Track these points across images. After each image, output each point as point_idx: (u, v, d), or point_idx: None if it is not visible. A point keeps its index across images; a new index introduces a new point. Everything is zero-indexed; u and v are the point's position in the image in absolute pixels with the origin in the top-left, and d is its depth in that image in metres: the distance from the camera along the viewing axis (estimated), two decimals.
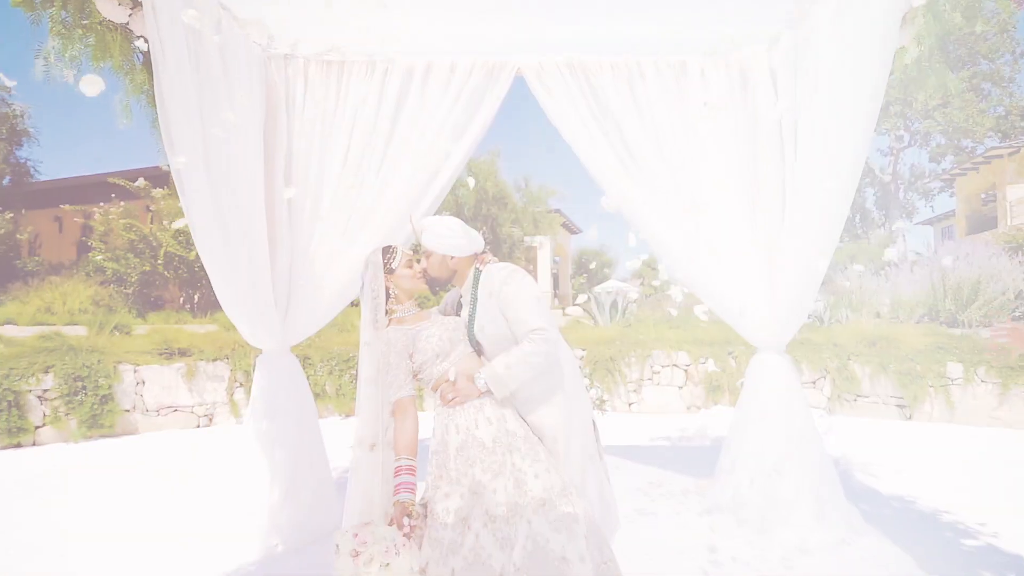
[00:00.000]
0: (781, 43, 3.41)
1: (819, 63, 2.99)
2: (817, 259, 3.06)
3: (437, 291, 2.51)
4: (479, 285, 2.08)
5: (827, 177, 2.86)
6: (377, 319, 2.04)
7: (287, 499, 3.29)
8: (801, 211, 3.13)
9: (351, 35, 3.40)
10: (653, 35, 3.41)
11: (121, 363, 6.49)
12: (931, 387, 6.45)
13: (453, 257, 2.09)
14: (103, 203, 13.34)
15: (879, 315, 8.90)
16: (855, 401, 6.80)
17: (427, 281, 2.14)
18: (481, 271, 2.10)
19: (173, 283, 13.11)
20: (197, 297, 13.30)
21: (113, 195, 13.32)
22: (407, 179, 3.48)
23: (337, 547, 1.70)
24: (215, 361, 6.94)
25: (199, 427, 6.78)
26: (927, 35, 2.59)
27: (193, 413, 6.78)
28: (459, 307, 2.22)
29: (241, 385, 6.93)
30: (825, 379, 6.96)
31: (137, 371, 6.57)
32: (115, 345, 6.96)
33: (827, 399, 6.89)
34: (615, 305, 10.47)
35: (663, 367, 7.39)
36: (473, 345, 2.10)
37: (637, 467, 4.71)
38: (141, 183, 12.32)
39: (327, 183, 3.48)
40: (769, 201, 3.41)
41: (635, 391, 7.39)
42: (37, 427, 5.97)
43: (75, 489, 4.46)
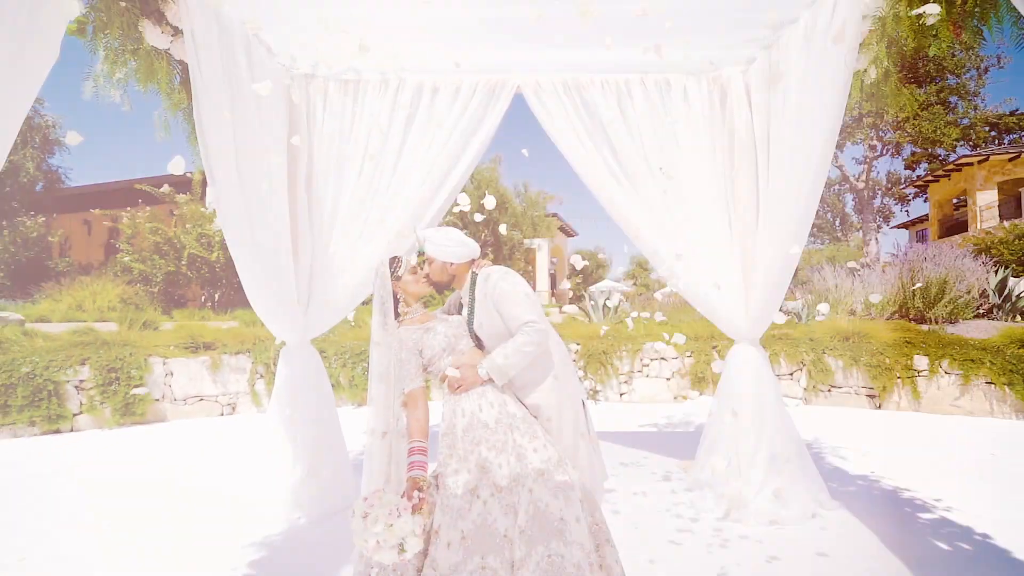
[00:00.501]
0: (756, 64, 3.52)
1: (788, 82, 3.12)
2: (785, 263, 3.19)
3: (441, 292, 2.64)
4: (476, 287, 2.19)
5: (794, 185, 2.98)
6: (386, 322, 2.16)
7: (308, 477, 3.40)
8: (773, 218, 3.24)
9: (366, 57, 3.52)
10: (641, 57, 3.53)
11: (151, 356, 6.60)
12: (899, 378, 6.55)
13: (452, 263, 2.21)
14: (130, 207, 13.47)
15: (853, 312, 9.01)
16: (829, 392, 6.91)
17: (430, 284, 2.26)
18: (477, 274, 2.22)
19: (195, 282, 13.24)
20: (218, 296, 13.43)
21: (139, 200, 13.46)
22: (416, 187, 3.57)
23: (352, 511, 1.85)
24: (237, 354, 7.03)
25: (223, 415, 6.87)
26: (883, 59, 2.72)
27: (217, 402, 6.88)
28: (460, 307, 2.33)
29: (261, 376, 7.01)
30: (802, 371, 7.05)
31: (166, 363, 6.66)
32: (145, 339, 7.08)
33: (803, 390, 7.00)
34: (608, 303, 10.59)
35: (652, 360, 7.52)
36: (473, 340, 2.22)
37: (627, 450, 4.83)
38: (166, 189, 12.44)
39: (344, 191, 3.58)
40: (745, 208, 3.52)
41: (626, 382, 7.50)
42: (75, 414, 6.08)
43: (111, 471, 4.55)
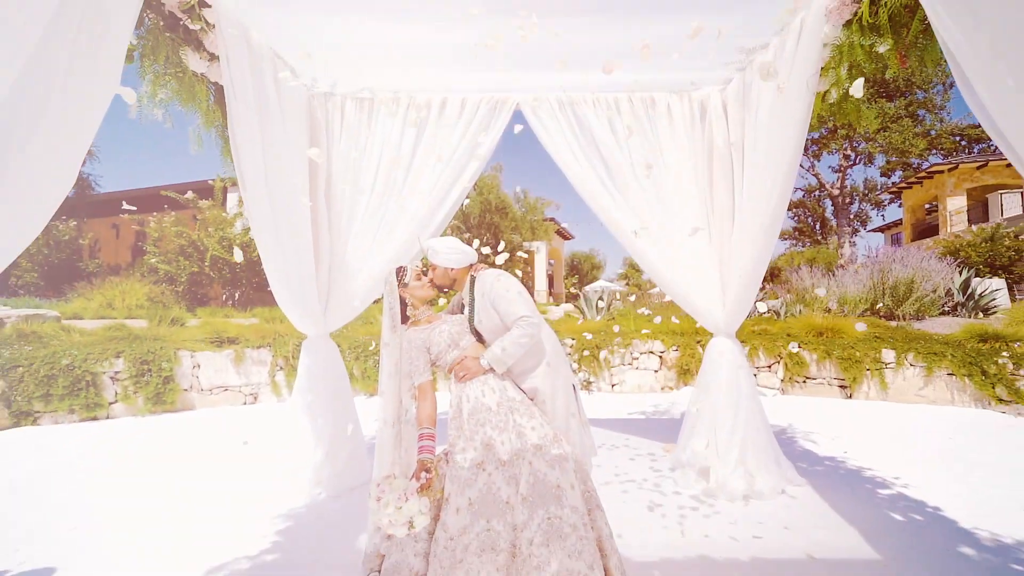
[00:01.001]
0: (732, 84, 3.67)
1: (759, 100, 3.26)
2: (757, 264, 3.32)
3: (445, 292, 2.77)
4: (475, 288, 2.33)
5: (765, 193, 3.11)
6: (394, 325, 2.31)
7: (328, 457, 3.54)
8: (746, 223, 3.36)
9: (380, 77, 3.66)
10: (629, 78, 3.67)
11: (179, 349, 6.73)
12: (868, 370, 6.68)
13: (453, 268, 2.36)
14: (156, 212, 13.61)
15: (828, 310, 9.15)
16: (804, 383, 7.03)
17: (434, 288, 2.39)
18: (475, 277, 2.36)
19: (217, 282, 13.37)
20: (238, 295, 13.57)
21: (165, 206, 13.60)
22: (425, 195, 3.69)
23: (370, 495, 2.02)
24: (259, 348, 7.14)
25: (245, 404, 6.99)
26: (843, 81, 2.86)
27: (240, 392, 7.00)
28: (462, 307, 2.46)
29: (281, 369, 7.14)
30: (779, 364, 7.18)
31: (193, 356, 6.78)
32: (173, 335, 7.22)
33: (780, 381, 7.14)
34: (601, 301, 10.73)
35: (641, 354, 7.66)
36: (475, 335, 2.35)
37: (618, 435, 4.96)
38: (190, 195, 12.59)
39: (360, 200, 3.70)
40: (722, 214, 3.66)
41: (617, 374, 7.67)
42: (110, 403, 6.19)
43: (148, 453, 4.66)
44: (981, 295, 8.85)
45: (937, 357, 6.37)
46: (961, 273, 9.42)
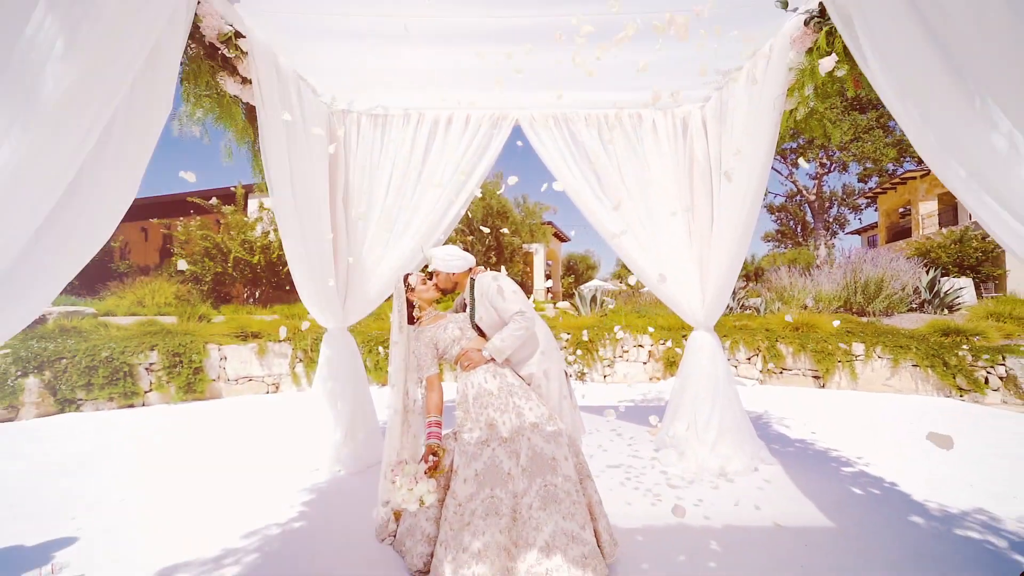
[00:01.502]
0: (711, 102, 3.80)
1: (735, 116, 3.40)
2: (732, 264, 3.46)
3: (447, 294, 2.91)
4: (474, 289, 2.47)
5: (739, 199, 3.25)
6: (402, 325, 2.46)
7: (346, 438, 3.67)
8: (723, 227, 3.49)
9: (392, 96, 3.81)
10: (617, 96, 3.81)
11: (208, 343, 6.89)
12: (840, 362, 6.81)
13: (454, 273, 2.50)
14: (183, 217, 13.77)
15: (805, 307, 9.28)
16: (781, 373, 7.17)
17: (439, 291, 2.54)
18: (475, 279, 2.50)
19: (239, 282, 13.52)
20: (258, 293, 13.72)
21: (191, 211, 13.76)
22: (432, 203, 3.82)
23: (383, 475, 2.17)
24: (280, 342, 7.27)
25: (268, 393, 7.12)
26: (809, 100, 3.00)
27: (263, 382, 7.13)
28: (465, 306, 2.60)
29: (300, 361, 7.27)
30: (758, 356, 7.33)
31: (220, 349, 6.92)
32: (201, 330, 7.35)
33: (759, 372, 7.28)
34: (595, 299, 10.87)
35: (631, 347, 7.80)
36: (476, 330, 2.49)
37: (608, 420, 5.09)
38: (214, 201, 12.74)
39: (374, 207, 3.83)
40: (701, 219, 3.80)
41: (609, 366, 7.76)
42: (145, 392, 6.33)
43: (179, 438, 4.80)
44: (946, 293, 8.97)
45: (903, 350, 6.50)
46: (928, 272, 9.55)
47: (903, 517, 2.81)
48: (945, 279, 9.77)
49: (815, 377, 6.98)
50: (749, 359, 7.36)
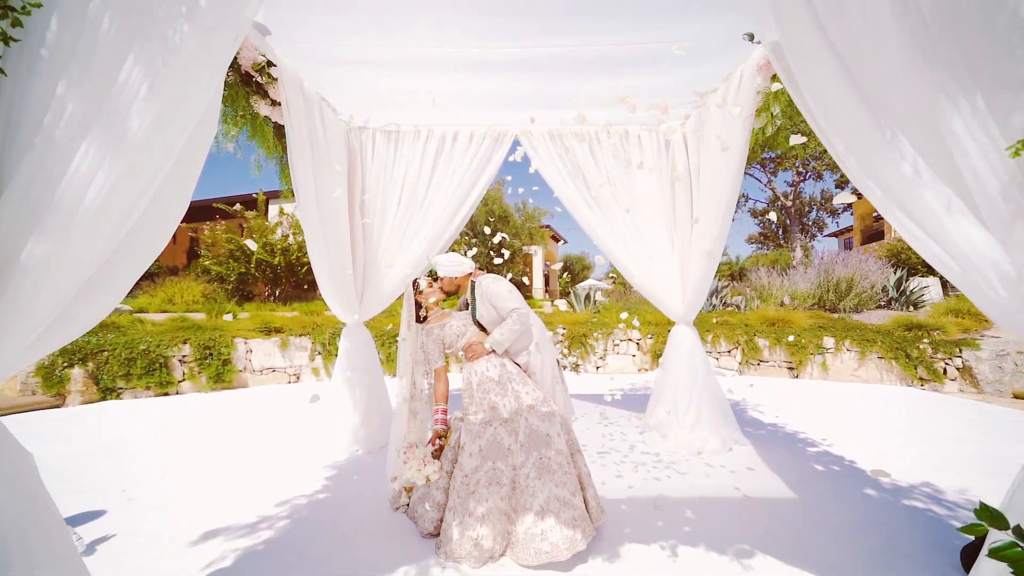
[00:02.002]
0: (690, 120, 3.93)
1: (711, 132, 3.54)
2: (708, 266, 3.60)
3: (451, 295, 3.03)
4: (475, 290, 2.61)
5: (713, 207, 3.39)
6: (410, 324, 2.61)
7: (363, 422, 3.82)
8: (700, 233, 3.64)
9: (404, 114, 3.95)
10: (607, 115, 3.95)
11: (235, 337, 7.04)
12: (812, 354, 6.95)
13: (457, 277, 2.64)
14: (209, 221, 13.94)
15: (782, 304, 9.41)
16: (758, 365, 7.30)
17: (443, 293, 2.67)
18: (475, 281, 2.63)
19: (261, 281, 13.70)
20: (279, 292, 13.89)
21: (216, 216, 13.94)
22: (440, 210, 3.96)
23: (393, 455, 2.32)
24: (300, 336, 7.42)
25: (289, 383, 7.26)
26: (776, 119, 3.14)
27: (286, 373, 7.27)
28: (467, 305, 2.74)
29: (319, 353, 7.40)
30: (737, 349, 7.47)
31: (246, 343, 7.06)
32: (228, 325, 7.51)
33: (737, 363, 7.41)
34: (589, 297, 11.01)
35: (621, 341, 7.94)
36: (477, 326, 2.62)
37: (599, 407, 5.22)
38: (238, 207, 12.91)
39: (388, 214, 3.97)
40: (682, 226, 3.93)
41: (601, 358, 7.89)
42: (179, 381, 6.47)
43: (211, 422, 4.94)
44: (912, 291, 9.10)
45: (869, 343, 6.63)
46: (896, 272, 9.67)
47: (858, 490, 2.96)
48: (914, 278, 9.89)
49: (789, 368, 7.12)
50: (729, 351, 7.50)
